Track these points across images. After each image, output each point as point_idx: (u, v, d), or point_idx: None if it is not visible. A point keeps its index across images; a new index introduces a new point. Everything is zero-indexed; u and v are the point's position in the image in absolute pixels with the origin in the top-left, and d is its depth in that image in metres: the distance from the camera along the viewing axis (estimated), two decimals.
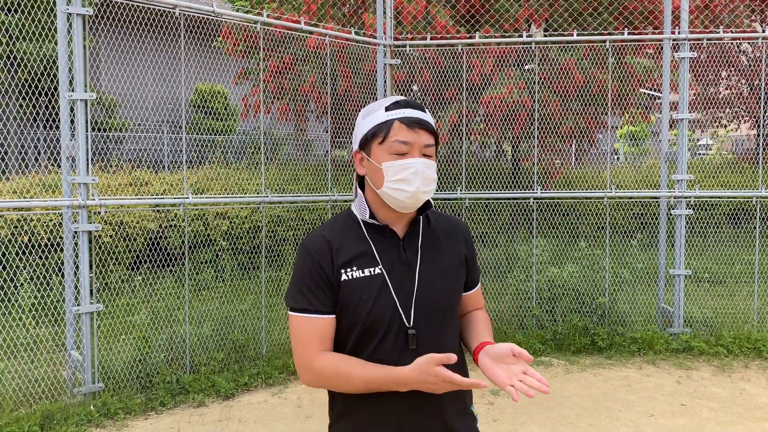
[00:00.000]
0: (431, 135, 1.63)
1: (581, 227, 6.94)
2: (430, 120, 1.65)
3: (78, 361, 4.57)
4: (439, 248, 1.71)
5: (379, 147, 1.63)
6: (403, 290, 1.63)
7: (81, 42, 4.47)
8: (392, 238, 1.67)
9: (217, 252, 7.11)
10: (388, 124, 1.61)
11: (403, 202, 1.61)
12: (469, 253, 1.79)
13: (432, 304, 1.64)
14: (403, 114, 1.61)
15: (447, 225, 1.78)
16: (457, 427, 1.67)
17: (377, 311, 1.60)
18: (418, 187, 1.59)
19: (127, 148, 10.99)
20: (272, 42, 5.79)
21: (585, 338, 5.91)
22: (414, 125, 1.60)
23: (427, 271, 1.66)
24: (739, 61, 9.97)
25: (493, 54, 6.71)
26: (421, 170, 1.59)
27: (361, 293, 1.61)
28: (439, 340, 1.65)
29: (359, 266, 1.63)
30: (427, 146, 1.62)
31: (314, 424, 4.39)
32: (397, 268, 1.64)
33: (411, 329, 1.60)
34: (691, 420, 4.43)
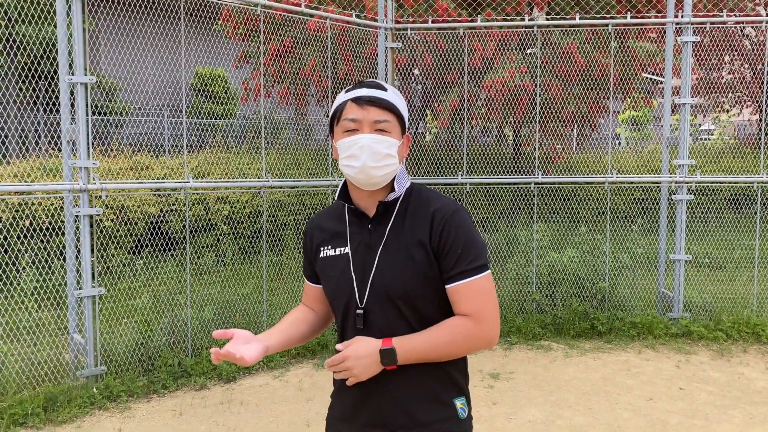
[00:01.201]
0: (384, 111, 1.63)
1: (582, 212, 6.94)
2: (388, 97, 1.65)
3: (80, 344, 4.60)
4: (405, 233, 1.66)
5: (337, 128, 1.69)
6: (362, 271, 1.66)
7: (80, 25, 4.44)
8: (363, 220, 1.71)
9: (218, 236, 7.12)
10: (343, 104, 1.67)
11: (354, 177, 1.64)
12: (435, 240, 1.62)
13: (386, 289, 1.63)
14: (356, 93, 1.65)
15: (420, 207, 1.68)
16: (420, 416, 1.62)
17: (338, 289, 1.69)
18: (365, 161, 1.60)
19: (127, 132, 10.97)
20: (272, 25, 5.75)
21: (585, 323, 5.93)
22: (364, 103, 1.63)
23: (387, 254, 1.65)
24: (743, 45, 9.90)
25: (494, 37, 6.67)
26: (367, 145, 1.61)
27: (329, 271, 1.73)
28: (391, 326, 1.62)
29: (333, 245, 1.74)
30: (378, 122, 1.63)
31: (315, 406, 4.43)
32: (361, 249, 1.68)
33: (360, 309, 1.65)
34: (690, 404, 4.46)
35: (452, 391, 1.67)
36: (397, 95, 1.70)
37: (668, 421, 4.19)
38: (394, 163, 1.65)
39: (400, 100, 1.70)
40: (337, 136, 1.69)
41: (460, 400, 1.68)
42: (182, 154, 7.21)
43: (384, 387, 1.63)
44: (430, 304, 1.64)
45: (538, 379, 4.90)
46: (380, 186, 1.67)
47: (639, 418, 4.23)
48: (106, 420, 4.22)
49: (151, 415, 4.32)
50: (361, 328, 1.64)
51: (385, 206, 1.69)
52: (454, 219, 1.63)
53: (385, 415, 1.63)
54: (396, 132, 1.66)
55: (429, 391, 1.64)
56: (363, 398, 1.66)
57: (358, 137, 1.62)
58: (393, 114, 1.65)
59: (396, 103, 1.67)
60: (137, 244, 6.73)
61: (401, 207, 1.70)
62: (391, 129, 1.64)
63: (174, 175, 6.95)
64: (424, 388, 1.63)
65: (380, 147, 1.61)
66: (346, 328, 1.70)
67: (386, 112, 1.64)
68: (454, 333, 1.60)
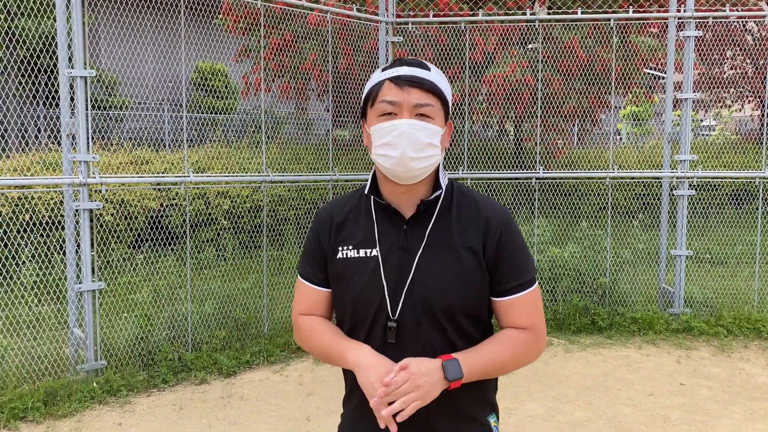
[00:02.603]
0: (428, 94, 1.43)
1: (583, 207, 6.93)
2: (431, 77, 1.44)
3: (80, 338, 4.60)
4: (452, 237, 1.47)
5: (371, 111, 1.48)
6: (396, 278, 1.47)
7: (80, 18, 4.43)
8: (397, 219, 1.50)
9: (219, 231, 7.11)
10: (379, 84, 1.46)
11: (390, 169, 1.44)
12: (491, 250, 1.47)
13: (425, 300, 1.45)
14: (395, 72, 1.44)
15: (472, 210, 1.51)
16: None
17: (365, 296, 1.48)
18: (404, 151, 1.40)
19: (127, 126, 10.95)
20: (273, 19, 5.73)
21: (585, 318, 5.93)
22: (404, 83, 1.42)
23: (429, 260, 1.46)
24: (745, 40, 9.87)
25: (496, 32, 6.65)
26: (407, 132, 1.40)
27: (352, 274, 1.50)
28: (426, 341, 1.46)
29: (356, 245, 1.52)
30: (420, 105, 1.42)
31: (315, 401, 4.43)
32: (394, 252, 1.48)
33: (392, 321, 1.46)
34: (690, 399, 4.46)
35: (487, 409, 1.57)
36: (441, 76, 1.49)
37: (669, 416, 4.19)
38: (436, 154, 1.45)
39: (444, 81, 1.49)
40: (370, 121, 1.48)
41: (492, 417, 1.58)
42: (182, 149, 7.20)
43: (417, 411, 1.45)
44: (471, 317, 1.50)
45: (538, 374, 4.90)
46: (418, 180, 1.47)
47: (639, 414, 4.23)
48: (106, 414, 4.22)
49: (152, 409, 4.31)
50: (393, 342, 1.46)
51: (426, 206, 1.49)
52: (510, 228, 1.51)
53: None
54: (439, 118, 1.46)
55: (465, 411, 1.50)
56: None
57: (396, 122, 1.42)
58: (437, 97, 1.44)
59: (440, 84, 1.46)
60: (137, 239, 6.73)
61: (443, 206, 1.51)
62: (434, 114, 1.44)
63: (174, 170, 6.94)
64: (460, 408, 1.49)
65: (421, 135, 1.41)
66: (369, 341, 1.49)
67: (429, 94, 1.43)
68: (517, 348, 1.48)
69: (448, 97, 1.49)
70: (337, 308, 1.59)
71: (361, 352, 1.45)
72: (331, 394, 4.52)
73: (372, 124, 1.46)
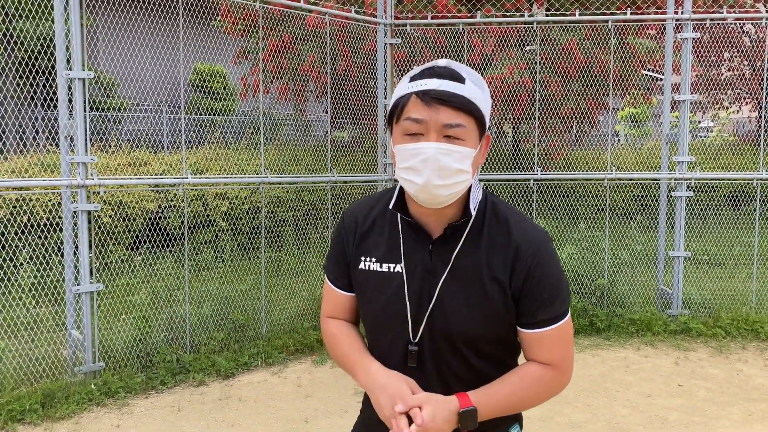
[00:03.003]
0: (459, 112, 1.27)
1: (581, 209, 6.93)
2: (466, 92, 1.28)
3: (78, 340, 4.59)
4: (478, 265, 1.37)
5: (396, 127, 1.35)
6: (419, 300, 1.39)
7: (78, 20, 4.42)
8: (423, 237, 1.40)
9: (217, 232, 7.11)
10: (405, 98, 1.31)
11: (415, 196, 1.33)
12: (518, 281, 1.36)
13: (446, 328, 1.38)
14: (423, 86, 1.28)
15: (498, 234, 1.38)
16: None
17: (387, 313, 1.42)
18: (429, 178, 1.27)
19: (125, 128, 10.95)
20: (271, 21, 5.73)
21: (584, 319, 5.93)
22: (432, 101, 1.26)
23: (451, 289, 1.37)
24: (742, 42, 9.89)
25: (494, 34, 6.65)
26: (433, 157, 1.26)
27: (374, 288, 1.43)
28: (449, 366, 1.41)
29: (380, 258, 1.43)
30: (449, 126, 1.27)
31: (314, 403, 4.42)
32: (419, 273, 1.39)
33: (413, 345, 1.40)
34: (688, 400, 4.46)
35: (510, 419, 1.50)
36: (478, 87, 1.31)
37: (667, 417, 4.19)
38: (466, 179, 1.32)
39: (481, 93, 1.31)
40: (395, 138, 1.34)
41: (515, 428, 1.53)
42: (181, 150, 7.20)
43: None
44: (495, 344, 1.43)
45: None
46: (445, 205, 1.35)
47: (637, 415, 4.23)
48: (104, 416, 4.21)
49: (150, 411, 4.31)
50: (414, 366, 1.40)
51: (454, 229, 1.39)
52: (542, 259, 1.36)
53: None
54: (472, 139, 1.30)
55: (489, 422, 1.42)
56: None
57: (421, 146, 1.27)
58: (470, 116, 1.29)
59: (476, 99, 1.29)
60: (135, 240, 6.72)
61: (473, 230, 1.39)
62: (465, 136, 1.29)
63: (172, 171, 6.93)
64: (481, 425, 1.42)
65: (449, 161, 1.27)
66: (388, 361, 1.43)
67: (461, 113, 1.27)
68: (539, 388, 1.40)
69: (484, 111, 1.33)
70: (362, 317, 1.55)
71: (370, 374, 1.39)
72: (330, 396, 4.52)
73: (396, 142, 1.34)
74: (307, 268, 6.25)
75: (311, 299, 5.94)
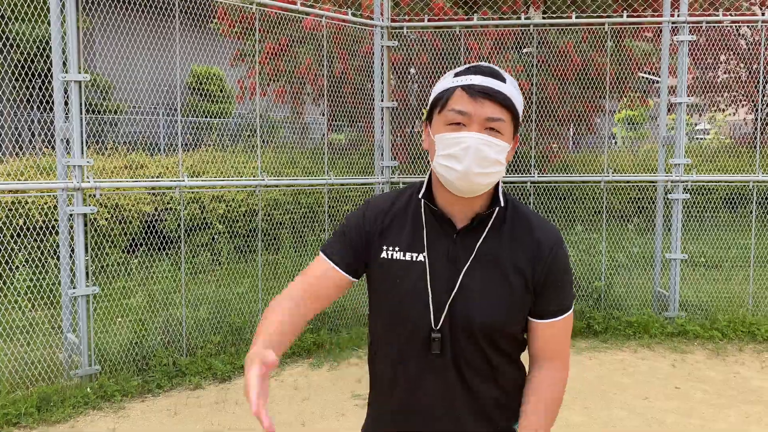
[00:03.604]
0: (501, 107, 1.37)
1: (578, 211, 6.93)
2: (506, 90, 1.38)
3: (74, 343, 4.57)
4: (501, 256, 1.45)
5: (438, 117, 1.42)
6: (441, 288, 1.44)
7: (74, 22, 4.42)
8: (448, 228, 1.47)
9: (214, 235, 7.09)
10: (450, 91, 1.40)
11: (452, 182, 1.40)
12: (541, 275, 1.45)
13: (467, 317, 1.43)
14: (469, 81, 1.38)
15: (525, 231, 1.48)
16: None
17: (408, 301, 1.46)
18: (469, 166, 1.35)
19: (122, 130, 10.93)
20: (268, 23, 5.73)
21: (581, 322, 5.93)
22: (478, 94, 1.36)
23: (475, 276, 1.44)
24: (738, 45, 9.92)
25: (491, 36, 6.66)
26: (474, 146, 1.35)
27: (396, 276, 1.48)
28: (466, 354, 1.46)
29: (403, 248, 1.48)
30: (492, 119, 1.37)
31: (310, 406, 4.41)
32: (441, 261, 1.45)
33: (436, 332, 1.44)
34: (685, 402, 4.46)
35: (513, 417, 1.57)
36: (515, 88, 1.42)
37: (664, 420, 4.19)
38: (501, 170, 1.41)
39: (518, 94, 1.43)
40: (436, 127, 1.42)
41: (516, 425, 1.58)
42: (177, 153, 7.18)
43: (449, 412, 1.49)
44: (510, 336, 1.50)
45: None
46: (478, 194, 1.43)
47: (635, 417, 4.23)
48: (100, 420, 4.19)
49: (146, 414, 4.29)
50: (438, 353, 1.45)
51: (480, 219, 1.46)
52: (561, 254, 1.48)
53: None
54: (508, 134, 1.41)
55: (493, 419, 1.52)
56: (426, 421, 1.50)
57: (464, 135, 1.36)
58: (509, 112, 1.39)
59: (515, 98, 1.41)
60: (132, 243, 6.70)
61: (496, 222, 1.48)
62: (504, 130, 1.39)
63: (169, 174, 6.92)
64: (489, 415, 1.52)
65: (490, 151, 1.36)
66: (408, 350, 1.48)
67: (502, 108, 1.38)
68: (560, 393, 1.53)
69: (520, 111, 1.43)
70: (375, 311, 1.56)
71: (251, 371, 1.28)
72: (327, 399, 4.51)
73: (437, 132, 1.41)
74: None
75: None
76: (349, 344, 5.63)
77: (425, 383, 1.48)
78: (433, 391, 1.48)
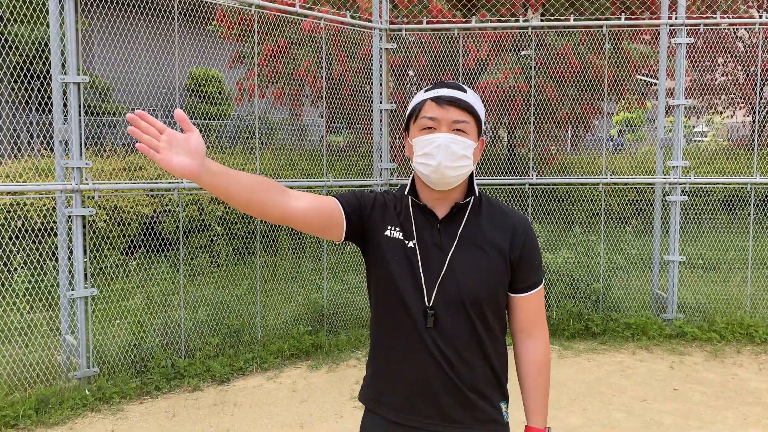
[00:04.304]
0: (464, 112, 1.64)
1: (576, 213, 6.94)
2: (467, 98, 1.66)
3: (73, 345, 4.57)
4: (481, 238, 1.69)
5: (414, 125, 1.70)
6: (431, 271, 1.67)
7: (73, 24, 4.42)
8: (431, 219, 1.71)
9: (212, 237, 7.09)
10: (422, 103, 1.68)
11: (429, 176, 1.65)
12: (516, 251, 1.70)
13: (457, 292, 1.65)
14: (436, 93, 1.66)
15: (499, 216, 1.74)
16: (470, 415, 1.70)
17: (402, 283, 1.67)
18: (441, 161, 1.61)
19: (120, 132, 10.93)
20: (267, 25, 5.74)
21: (579, 324, 5.93)
22: (443, 102, 1.64)
23: (460, 257, 1.67)
24: (736, 47, 9.94)
25: (489, 39, 6.67)
26: (444, 143, 1.61)
27: (394, 254, 1.69)
28: (457, 328, 1.66)
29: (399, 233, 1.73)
30: (457, 122, 1.64)
31: (309, 407, 4.41)
32: (429, 248, 1.69)
33: (431, 309, 1.65)
34: (683, 404, 4.47)
35: (499, 394, 1.78)
36: (475, 98, 1.70)
37: (662, 421, 4.19)
38: (469, 165, 1.66)
39: (478, 102, 1.70)
40: (413, 134, 1.70)
41: (504, 403, 1.79)
42: None
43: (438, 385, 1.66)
44: (494, 310, 1.70)
45: None
46: (452, 186, 1.68)
47: (633, 419, 4.23)
48: (98, 422, 4.19)
49: (144, 416, 4.29)
50: (431, 327, 1.66)
51: (458, 208, 1.71)
52: (532, 233, 1.74)
53: (439, 411, 1.68)
54: (473, 134, 1.67)
55: (481, 392, 1.71)
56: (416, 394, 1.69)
57: (435, 136, 1.63)
58: (471, 116, 1.66)
59: (475, 105, 1.68)
60: (130, 245, 6.70)
61: (473, 209, 1.73)
62: (468, 130, 1.65)
63: (167, 176, 6.91)
64: (477, 389, 1.70)
65: (457, 147, 1.63)
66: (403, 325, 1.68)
67: (465, 113, 1.65)
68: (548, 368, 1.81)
69: (481, 116, 1.69)
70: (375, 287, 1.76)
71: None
72: (325, 400, 4.51)
73: (414, 137, 1.69)
74: (302, 273, 6.24)
75: (306, 304, 5.93)
76: (347, 346, 5.63)
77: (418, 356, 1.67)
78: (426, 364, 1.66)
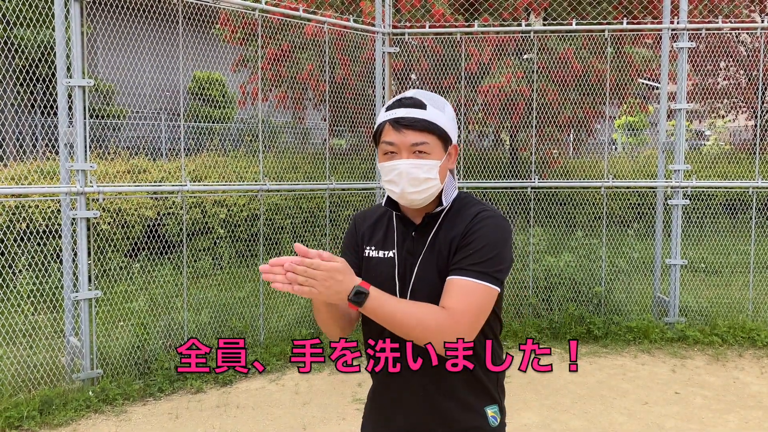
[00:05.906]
0: (422, 133, 1.58)
1: (578, 217, 6.95)
2: (427, 116, 1.59)
3: (77, 347, 4.59)
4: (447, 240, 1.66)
5: (378, 148, 1.68)
6: (403, 279, 1.69)
7: (79, 28, 4.46)
8: (409, 227, 1.72)
9: (215, 240, 7.12)
10: (382, 125, 1.64)
11: (397, 200, 1.67)
12: (463, 232, 1.62)
13: (426, 298, 1.62)
14: (393, 115, 1.61)
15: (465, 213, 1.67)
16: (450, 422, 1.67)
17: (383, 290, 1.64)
18: (404, 188, 1.60)
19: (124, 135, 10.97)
20: (270, 29, 5.77)
21: (581, 327, 5.94)
22: (401, 127, 1.59)
23: (427, 263, 1.66)
24: (738, 51, 9.95)
25: (491, 43, 6.70)
26: (405, 171, 1.59)
27: (375, 272, 1.72)
28: None
29: (378, 247, 1.75)
30: (416, 144, 1.58)
31: (311, 410, 4.43)
32: (404, 256, 1.70)
33: None
34: (685, 408, 4.47)
35: (484, 399, 1.70)
36: (437, 109, 1.62)
37: (663, 425, 4.20)
38: (435, 184, 1.63)
39: (440, 114, 1.62)
40: (379, 156, 1.69)
41: (491, 408, 1.71)
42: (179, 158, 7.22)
43: (418, 393, 1.67)
44: None
45: (533, 383, 4.91)
46: (423, 205, 1.67)
47: (634, 422, 4.24)
48: (101, 423, 4.21)
49: (147, 418, 4.31)
50: None
51: (431, 217, 1.70)
52: (486, 221, 1.62)
53: (419, 420, 1.68)
54: (436, 151, 1.61)
55: (460, 398, 1.67)
56: (396, 403, 1.71)
57: (395, 163, 1.60)
58: (432, 134, 1.60)
59: (436, 120, 1.61)
60: (134, 247, 6.73)
61: (447, 215, 1.70)
62: (430, 150, 1.60)
63: (171, 179, 6.94)
64: (456, 394, 1.67)
65: (418, 172, 1.59)
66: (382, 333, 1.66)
67: (424, 133, 1.59)
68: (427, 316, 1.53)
69: (445, 128, 1.62)
70: None
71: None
72: (328, 403, 4.53)
73: (379, 161, 1.68)
74: None
75: (309, 306, 5.95)
76: None
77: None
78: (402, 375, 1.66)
